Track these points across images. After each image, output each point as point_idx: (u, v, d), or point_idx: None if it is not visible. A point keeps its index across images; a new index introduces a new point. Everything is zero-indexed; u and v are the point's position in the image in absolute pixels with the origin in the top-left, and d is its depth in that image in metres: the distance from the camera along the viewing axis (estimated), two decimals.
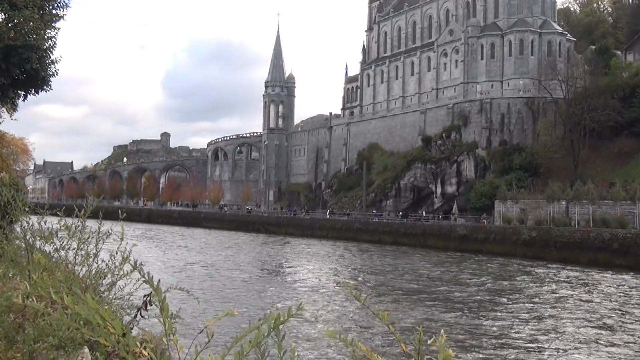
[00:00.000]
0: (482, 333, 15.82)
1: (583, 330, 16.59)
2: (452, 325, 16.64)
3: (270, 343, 1.66)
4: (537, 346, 14.66)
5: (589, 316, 18.70)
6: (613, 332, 16.43)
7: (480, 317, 18.25)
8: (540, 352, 14.13)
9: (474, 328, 16.40)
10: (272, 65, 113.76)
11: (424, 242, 49.35)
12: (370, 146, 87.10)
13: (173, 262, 32.96)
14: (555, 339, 15.38)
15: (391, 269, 32.59)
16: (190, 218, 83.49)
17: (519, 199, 50.01)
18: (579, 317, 18.61)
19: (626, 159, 56.08)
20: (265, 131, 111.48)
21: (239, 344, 1.62)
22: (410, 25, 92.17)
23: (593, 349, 14.44)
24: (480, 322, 17.32)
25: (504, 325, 17.07)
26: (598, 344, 15.02)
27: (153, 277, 1.52)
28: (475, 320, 17.66)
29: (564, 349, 14.44)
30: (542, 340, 15.28)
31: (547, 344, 14.86)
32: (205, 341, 1.59)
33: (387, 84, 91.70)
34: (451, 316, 18.20)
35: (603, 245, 36.24)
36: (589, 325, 17.30)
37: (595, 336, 15.86)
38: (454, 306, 20.20)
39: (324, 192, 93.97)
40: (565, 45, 74.84)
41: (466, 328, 16.36)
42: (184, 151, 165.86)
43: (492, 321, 17.55)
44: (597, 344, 14.96)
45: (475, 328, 16.43)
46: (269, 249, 46.97)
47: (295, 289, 24.69)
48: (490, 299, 21.97)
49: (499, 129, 69.24)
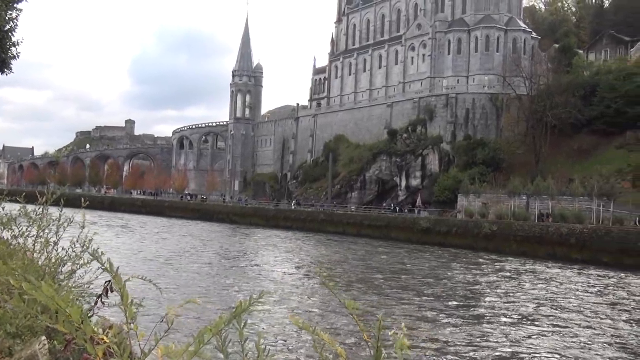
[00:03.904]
0: (441, 324, 16.09)
1: (530, 319, 17.03)
2: (411, 314, 16.87)
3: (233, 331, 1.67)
4: (485, 336, 14.99)
5: (532, 307, 19.19)
6: (553, 324, 16.89)
7: (438, 307, 18.54)
8: (486, 339, 14.44)
9: (431, 318, 16.66)
10: (240, 54, 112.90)
11: (387, 234, 49.77)
12: (337, 138, 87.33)
13: (135, 251, 32.58)
14: (503, 327, 15.75)
15: (354, 260, 32.82)
16: (153, 206, 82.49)
17: (482, 192, 50.88)
18: (527, 307, 19.08)
19: (585, 156, 57.48)
20: (231, 120, 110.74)
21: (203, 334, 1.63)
22: (379, 18, 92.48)
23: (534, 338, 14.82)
24: (437, 312, 17.60)
25: (458, 315, 17.39)
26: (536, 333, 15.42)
27: (112, 264, 1.51)
28: (431, 310, 17.94)
29: (512, 338, 14.80)
30: (490, 330, 15.62)
31: (494, 333, 15.20)
32: (166, 329, 1.59)
33: (354, 76, 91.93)
34: (409, 306, 18.44)
35: (561, 239, 37.09)
36: (528, 315, 17.75)
37: (528, 325, 16.28)
38: (413, 296, 20.46)
39: (289, 183, 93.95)
40: (530, 42, 76.08)
41: (422, 317, 16.62)
42: (148, 139, 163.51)
43: (448, 311, 17.85)
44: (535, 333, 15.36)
45: (433, 318, 16.70)
46: (233, 239, 46.79)
47: (258, 278, 24.68)
48: (447, 290, 22.33)
49: (463, 123, 70.17)
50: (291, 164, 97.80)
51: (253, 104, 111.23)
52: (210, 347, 1.56)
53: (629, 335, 15.55)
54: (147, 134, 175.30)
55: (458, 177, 58.83)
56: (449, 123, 70.53)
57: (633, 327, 16.58)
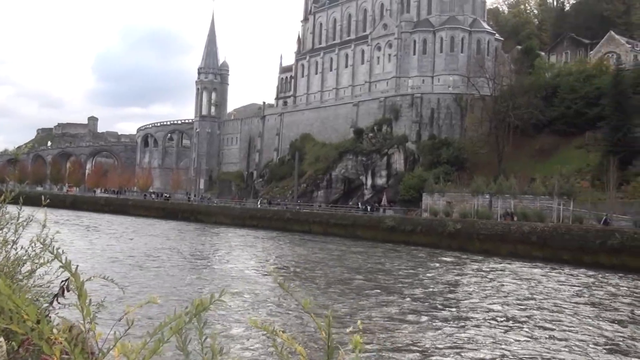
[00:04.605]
0: (421, 326, 16.25)
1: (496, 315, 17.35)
2: (391, 317, 17.01)
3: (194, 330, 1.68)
4: (450, 332, 15.21)
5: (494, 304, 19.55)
6: (518, 322, 17.24)
7: (417, 309, 18.73)
8: (452, 337, 14.66)
9: (412, 320, 16.81)
10: (206, 51, 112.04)
11: (353, 232, 49.98)
12: (303, 137, 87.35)
13: (98, 251, 32.07)
14: (466, 324, 16.01)
15: (319, 259, 32.90)
16: (117, 205, 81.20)
17: (446, 192, 51.51)
18: (489, 303, 19.42)
19: (546, 156, 58.69)
20: (197, 118, 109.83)
21: (161, 331, 1.63)
22: (345, 18, 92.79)
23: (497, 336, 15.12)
24: (417, 314, 17.77)
25: (418, 311, 17.60)
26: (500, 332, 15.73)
27: (71, 262, 1.51)
28: (412, 313, 18.11)
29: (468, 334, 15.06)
30: (455, 327, 15.87)
31: (458, 329, 15.44)
32: (126, 328, 1.59)
33: (321, 75, 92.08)
34: (370, 304, 18.58)
35: (523, 237, 37.78)
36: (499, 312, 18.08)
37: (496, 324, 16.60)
38: (376, 295, 20.63)
39: (255, 182, 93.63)
40: (494, 44, 77.28)
41: (402, 319, 16.76)
42: (112, 136, 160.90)
43: (407, 308, 18.05)
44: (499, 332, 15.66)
45: (413, 320, 16.86)
46: (198, 238, 46.42)
47: (222, 277, 24.55)
48: (425, 291, 22.56)
49: (428, 123, 70.93)
50: (257, 162, 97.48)
51: (219, 102, 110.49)
52: (168, 346, 1.57)
53: (610, 335, 15.93)
54: (111, 132, 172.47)
55: (423, 177, 59.41)
56: (414, 123, 71.20)
57: (614, 326, 16.86)
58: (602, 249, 33.04)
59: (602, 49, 71.55)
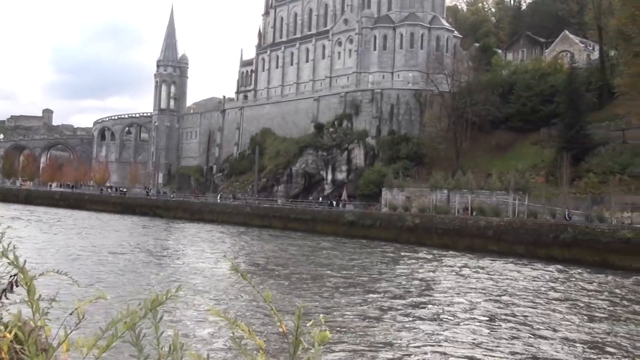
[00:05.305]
0: (374, 317, 16.38)
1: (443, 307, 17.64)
2: (347, 311, 17.09)
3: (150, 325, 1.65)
4: (411, 325, 15.40)
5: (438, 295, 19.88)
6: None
7: (357, 297, 18.88)
8: (411, 331, 14.85)
9: (365, 313, 16.93)
10: (165, 44, 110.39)
11: (313, 227, 50.08)
12: (263, 131, 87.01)
13: (53, 246, 31.34)
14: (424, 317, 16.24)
15: (290, 255, 32.84)
16: (73, 200, 79.44)
17: (405, 187, 52.06)
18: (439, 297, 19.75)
19: (502, 152, 59.89)
20: (155, 112, 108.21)
21: (114, 327, 1.60)
22: (306, 12, 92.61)
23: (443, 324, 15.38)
24: (370, 306, 17.91)
25: (377, 305, 17.77)
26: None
27: (19, 257, 1.47)
28: (351, 298, 18.25)
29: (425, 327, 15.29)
30: (413, 319, 16.08)
31: (416, 322, 15.66)
32: (76, 323, 1.56)
33: (282, 69, 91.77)
34: (345, 301, 18.66)
35: (479, 232, 38.48)
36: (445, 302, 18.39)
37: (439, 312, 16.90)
38: (351, 293, 20.73)
39: (215, 176, 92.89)
40: (452, 41, 78.29)
41: (357, 312, 16.87)
42: (67, 130, 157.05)
43: (382, 305, 18.21)
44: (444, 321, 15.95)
45: (368, 313, 16.98)
46: (156, 233, 45.81)
47: (180, 273, 24.32)
48: (398, 287, 22.72)
49: (388, 118, 71.51)
50: (217, 157, 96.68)
51: (178, 96, 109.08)
52: (121, 341, 1.55)
53: (587, 331, 16.32)
54: (67, 125, 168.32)
55: (382, 172, 59.87)
56: (374, 118, 71.67)
57: (589, 322, 17.20)
58: (555, 243, 33.91)
59: (556, 48, 73.31)
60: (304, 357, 1.62)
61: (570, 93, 54.48)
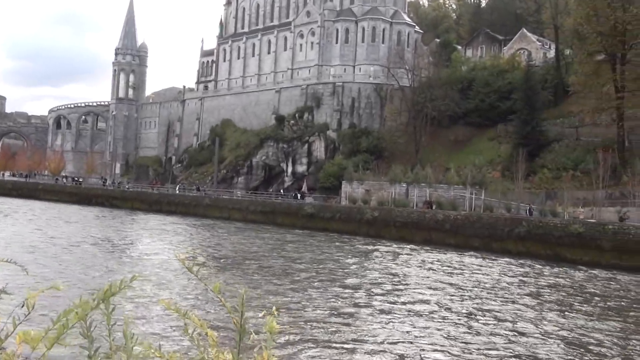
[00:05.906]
0: (331, 309, 16.49)
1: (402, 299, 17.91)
2: (304, 302, 17.15)
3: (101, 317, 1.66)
4: (364, 316, 15.59)
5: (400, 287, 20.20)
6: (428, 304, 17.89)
7: (329, 292, 18.99)
8: (366, 322, 15.04)
9: (336, 307, 17.01)
10: (124, 32, 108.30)
11: (273, 219, 50.00)
12: (224, 122, 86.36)
13: (5, 237, 30.53)
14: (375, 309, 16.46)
15: (235, 245, 32.71)
16: (26, 189, 77.37)
17: (365, 180, 52.38)
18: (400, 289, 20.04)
19: (461, 147, 60.86)
20: (113, 101, 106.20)
21: (65, 317, 1.60)
22: (269, 3, 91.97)
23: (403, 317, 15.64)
24: (341, 301, 18.01)
25: (328, 297, 17.92)
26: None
27: None
28: (305, 292, 18.35)
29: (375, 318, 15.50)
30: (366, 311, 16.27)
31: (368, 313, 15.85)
32: (25, 314, 1.55)
33: (243, 60, 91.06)
34: (315, 296, 18.68)
35: (437, 225, 39.04)
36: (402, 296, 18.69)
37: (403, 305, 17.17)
38: (288, 280, 20.78)
39: (174, 167, 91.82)
40: (414, 36, 78.94)
41: (327, 307, 16.96)
42: (21, 117, 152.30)
43: (352, 300, 18.34)
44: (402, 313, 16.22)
45: (307, 300, 17.08)
46: (112, 224, 45.06)
47: (136, 264, 24.02)
48: (353, 279, 22.87)
49: (349, 112, 71.81)
50: (176, 147, 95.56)
51: (137, 85, 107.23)
52: (73, 332, 1.55)
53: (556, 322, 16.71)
54: (20, 112, 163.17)
55: (343, 165, 60.13)
56: (335, 111, 71.87)
57: (559, 316, 17.72)
58: (510, 237, 34.67)
59: (514, 46, 74.69)
60: (256, 347, 1.66)
61: (526, 90, 55.67)
